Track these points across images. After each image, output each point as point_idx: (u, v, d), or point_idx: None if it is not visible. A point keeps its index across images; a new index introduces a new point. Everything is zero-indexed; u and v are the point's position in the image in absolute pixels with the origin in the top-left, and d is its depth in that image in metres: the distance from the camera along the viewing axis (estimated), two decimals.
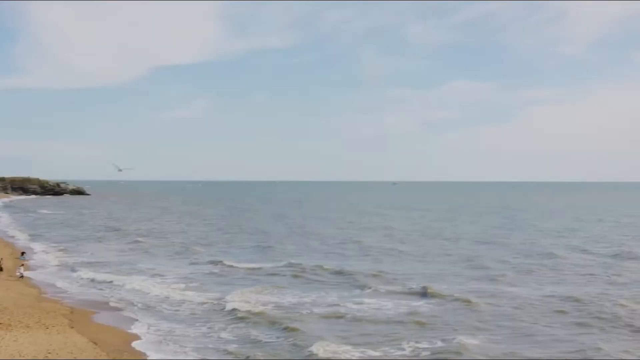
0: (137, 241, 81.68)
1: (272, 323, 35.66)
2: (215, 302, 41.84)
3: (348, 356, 29.51)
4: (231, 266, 58.73)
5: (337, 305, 41.33)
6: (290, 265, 59.17)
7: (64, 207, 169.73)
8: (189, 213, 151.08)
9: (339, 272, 54.64)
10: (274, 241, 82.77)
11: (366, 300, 43.11)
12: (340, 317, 37.94)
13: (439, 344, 31.41)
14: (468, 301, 42.03)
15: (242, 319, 36.59)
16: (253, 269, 57.54)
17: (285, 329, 34.11)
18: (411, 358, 29.38)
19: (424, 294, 44.86)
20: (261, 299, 42.93)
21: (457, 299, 42.60)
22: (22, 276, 50.18)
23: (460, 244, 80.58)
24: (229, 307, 39.80)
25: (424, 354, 29.74)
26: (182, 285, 48.48)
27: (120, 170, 53.40)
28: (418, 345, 31.14)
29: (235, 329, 34.51)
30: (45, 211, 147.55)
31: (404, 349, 30.62)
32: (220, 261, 61.46)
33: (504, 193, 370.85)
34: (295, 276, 53.18)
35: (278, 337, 32.65)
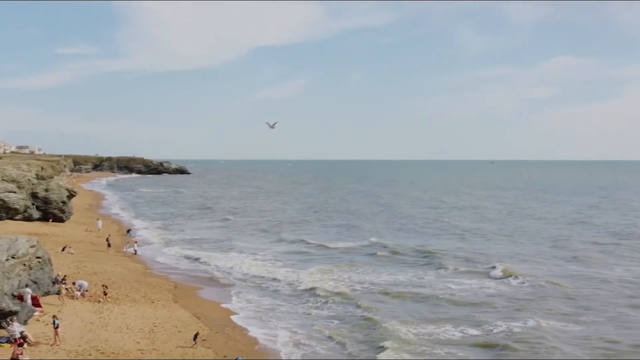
0: (227, 219, 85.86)
1: (351, 301, 37.89)
2: (303, 279, 44.40)
3: (420, 334, 31.34)
4: (318, 245, 61.34)
5: (416, 284, 43.12)
6: (374, 244, 61.17)
7: (163, 185, 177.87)
8: (279, 192, 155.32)
9: (422, 252, 56.18)
10: (361, 220, 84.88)
11: (444, 280, 44.69)
12: (417, 296, 39.70)
13: (515, 325, 32.51)
14: (549, 283, 42.72)
15: (326, 297, 38.95)
16: (338, 248, 59.90)
17: (366, 308, 36.15)
18: (484, 341, 30.69)
19: (502, 274, 45.74)
20: (345, 278, 45.26)
21: (537, 281, 43.35)
22: (135, 252, 54.02)
23: (550, 224, 79.95)
24: (314, 285, 42.31)
25: (499, 335, 30.96)
26: (274, 263, 51.50)
27: (272, 126, 55.60)
28: (492, 326, 32.39)
29: (322, 307, 36.89)
30: (145, 189, 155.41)
31: (478, 330, 32.00)
32: (306, 240, 64.19)
33: (603, 172, 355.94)
34: (378, 255, 55.12)
35: (358, 316, 34.69)
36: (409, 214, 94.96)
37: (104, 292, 35.21)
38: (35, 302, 30.92)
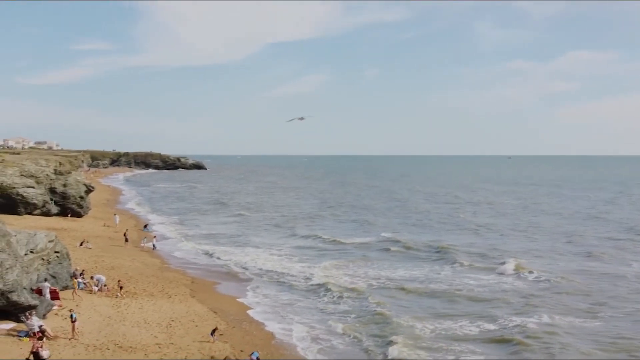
0: (242, 214, 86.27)
1: (366, 296, 37.98)
2: (318, 274, 44.60)
3: (435, 330, 31.40)
4: (333, 240, 61.45)
5: (430, 280, 43.23)
6: (388, 239, 61.27)
7: (179, 180, 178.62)
8: (294, 187, 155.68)
9: (436, 247, 56.18)
10: (375, 215, 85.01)
11: (458, 275, 44.78)
12: (431, 291, 39.81)
13: (528, 320, 32.47)
14: (563, 278, 42.62)
15: (341, 292, 39.09)
16: (353, 243, 60.05)
17: (380, 303, 36.24)
18: (499, 336, 30.69)
19: (516, 270, 45.71)
20: (360, 273, 45.42)
21: (551, 276, 43.26)
22: (154, 247, 54.27)
23: (564, 220, 79.55)
24: (329, 280, 42.52)
25: (513, 331, 30.92)
26: (290, 258, 51.75)
27: (301, 119, 55.54)
28: (506, 321, 32.38)
29: (337, 302, 37.05)
30: (161, 185, 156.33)
31: (492, 325, 32.02)
32: (321, 235, 64.31)
33: (620, 168, 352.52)
34: (393, 251, 55.29)
35: (372, 311, 34.76)
36: (424, 209, 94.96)
37: (120, 286, 35.59)
38: (55, 296, 31.35)
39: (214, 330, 28.24)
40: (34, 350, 22.13)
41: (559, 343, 28.79)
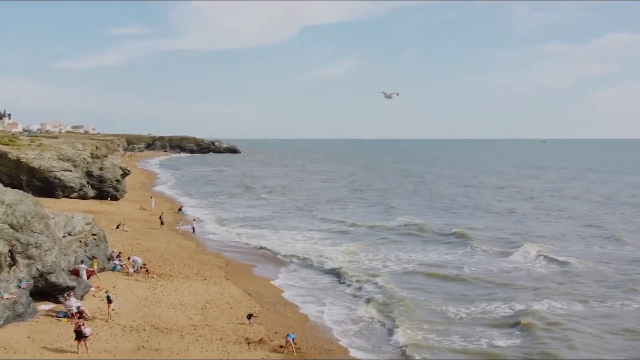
0: (272, 198, 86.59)
1: (394, 280, 37.95)
2: (342, 258, 44.42)
3: (463, 314, 31.10)
4: (360, 224, 61.27)
5: (452, 264, 42.96)
6: (412, 224, 60.81)
7: (213, 164, 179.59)
8: (323, 171, 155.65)
9: (457, 232, 55.46)
10: (400, 199, 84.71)
11: (478, 259, 44.64)
12: (440, 274, 39.76)
13: (541, 306, 32.10)
14: (583, 264, 41.92)
15: (372, 276, 38.93)
16: (378, 226, 59.89)
17: (401, 287, 36.22)
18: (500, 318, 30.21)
19: (532, 254, 45.18)
20: (384, 257, 45.33)
21: (570, 261, 42.57)
22: (193, 230, 54.75)
23: (590, 204, 78.52)
24: (359, 264, 42.84)
25: (528, 316, 30.25)
26: (323, 241, 51.71)
27: (389, 96, 53.93)
28: (523, 306, 31.99)
29: (368, 285, 36.78)
30: (195, 168, 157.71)
31: (510, 310, 31.74)
32: (349, 219, 64.09)
33: None
34: (417, 234, 55.23)
35: (400, 295, 34.55)
36: (449, 193, 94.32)
37: (146, 269, 35.53)
38: (91, 275, 31.65)
39: (250, 315, 28.24)
40: (77, 328, 22.42)
41: (571, 330, 28.38)
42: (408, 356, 25.36)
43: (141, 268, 35.75)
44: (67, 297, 26.86)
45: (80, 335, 22.27)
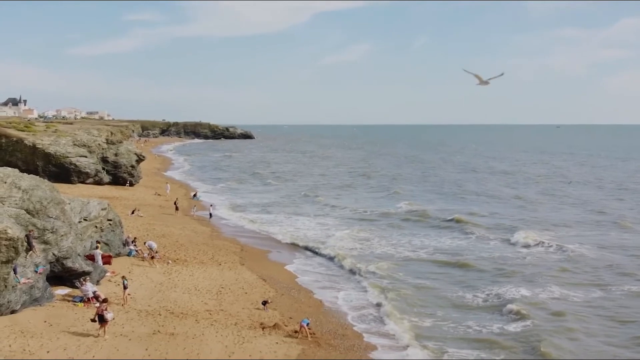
0: (276, 184, 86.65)
1: (402, 267, 38.01)
2: (361, 245, 44.69)
3: (456, 300, 31.01)
4: (361, 210, 61.53)
5: (453, 250, 42.95)
6: (415, 210, 60.73)
7: (227, 150, 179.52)
8: (332, 157, 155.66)
9: (453, 218, 55.22)
10: (406, 185, 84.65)
11: (477, 245, 44.70)
12: (437, 261, 39.89)
13: (539, 292, 32.06)
14: (574, 251, 41.54)
15: (383, 262, 39.05)
16: (384, 212, 59.81)
17: (410, 274, 36.30)
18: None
19: (530, 240, 44.96)
20: (391, 243, 45.41)
21: (571, 248, 42.30)
22: (210, 216, 55.02)
23: (597, 190, 77.98)
24: (372, 249, 43.00)
25: (522, 303, 30.09)
26: (337, 227, 51.67)
27: (485, 82, 48.36)
28: (516, 294, 31.75)
29: (381, 270, 36.82)
30: (209, 154, 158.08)
31: (493, 296, 31.81)
32: (359, 206, 64.31)
33: None
34: (422, 220, 55.31)
35: (408, 282, 34.79)
36: (453, 179, 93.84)
37: (152, 256, 35.28)
38: (107, 262, 31.89)
39: (265, 302, 28.31)
40: (99, 312, 22.59)
41: (571, 315, 28.37)
42: (421, 342, 25.34)
43: (157, 252, 35.80)
44: (83, 282, 27.05)
45: (102, 319, 22.45)
